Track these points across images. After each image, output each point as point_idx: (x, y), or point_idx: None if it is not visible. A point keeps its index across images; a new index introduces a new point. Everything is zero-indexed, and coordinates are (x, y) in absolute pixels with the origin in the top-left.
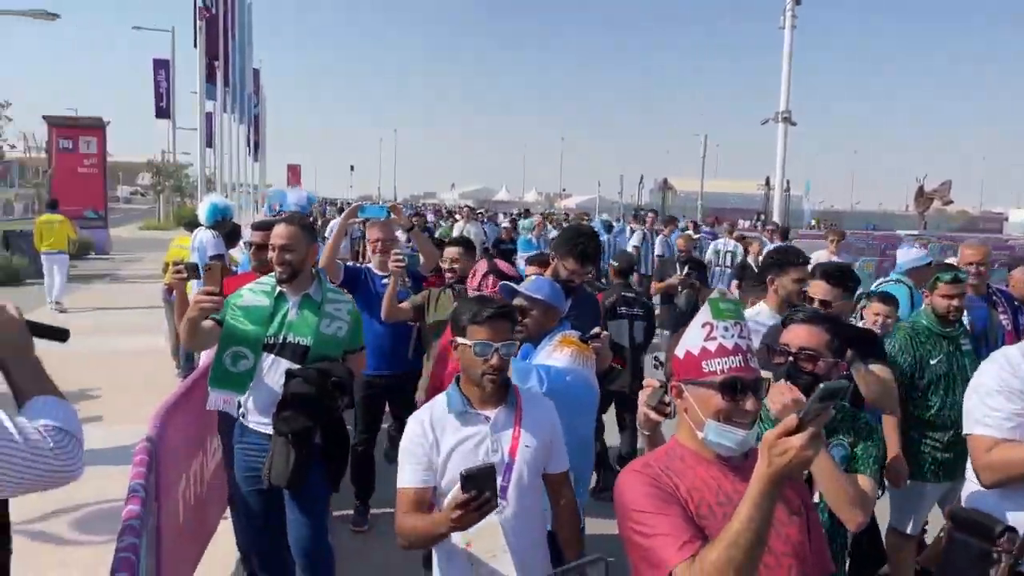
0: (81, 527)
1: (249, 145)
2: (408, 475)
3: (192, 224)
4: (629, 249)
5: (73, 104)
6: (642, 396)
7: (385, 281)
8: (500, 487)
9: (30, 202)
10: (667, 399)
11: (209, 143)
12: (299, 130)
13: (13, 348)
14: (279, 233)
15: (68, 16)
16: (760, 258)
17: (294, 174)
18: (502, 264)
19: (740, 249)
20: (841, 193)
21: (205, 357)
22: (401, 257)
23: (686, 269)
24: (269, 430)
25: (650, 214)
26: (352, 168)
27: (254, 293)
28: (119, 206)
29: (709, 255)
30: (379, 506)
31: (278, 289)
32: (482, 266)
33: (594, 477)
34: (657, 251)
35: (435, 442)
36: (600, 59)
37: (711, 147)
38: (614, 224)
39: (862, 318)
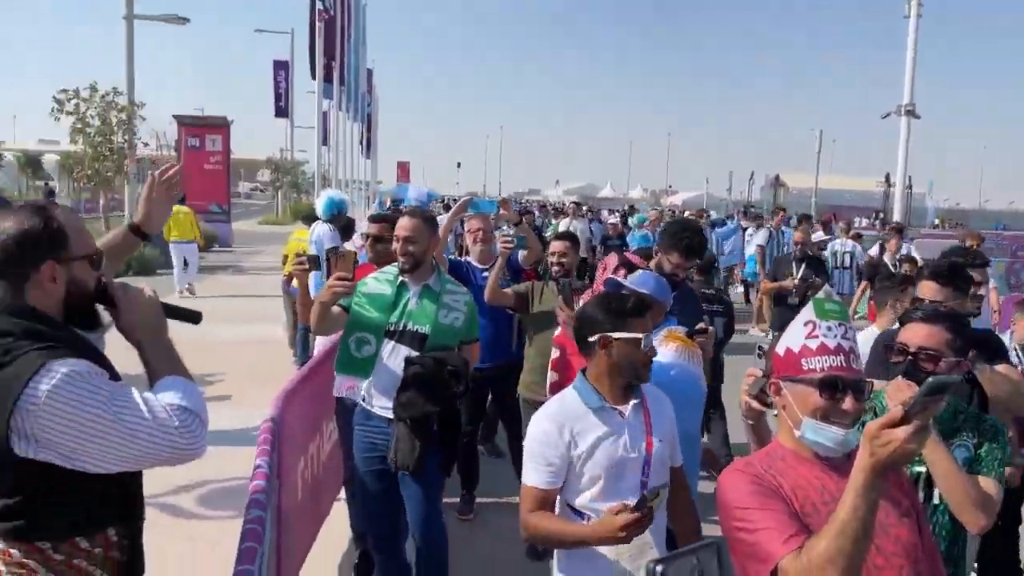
0: (205, 503)
1: (361, 143)
2: (538, 474)
3: (310, 218)
4: (753, 248)
5: (199, 104)
6: (744, 385)
7: (485, 274)
8: (640, 482)
9: None
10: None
11: (324, 141)
12: (407, 128)
13: (151, 330)
14: (403, 225)
15: (195, 19)
16: (897, 256)
17: (403, 171)
18: (633, 257)
19: (858, 249)
20: (968, 191)
21: (320, 346)
22: (510, 238)
23: (803, 268)
24: (390, 414)
25: (779, 212)
26: (459, 165)
27: (378, 282)
28: (240, 201)
29: (827, 255)
30: (482, 495)
31: (400, 279)
32: (612, 260)
33: None
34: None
35: (572, 441)
36: (708, 51)
37: (827, 142)
38: (727, 221)
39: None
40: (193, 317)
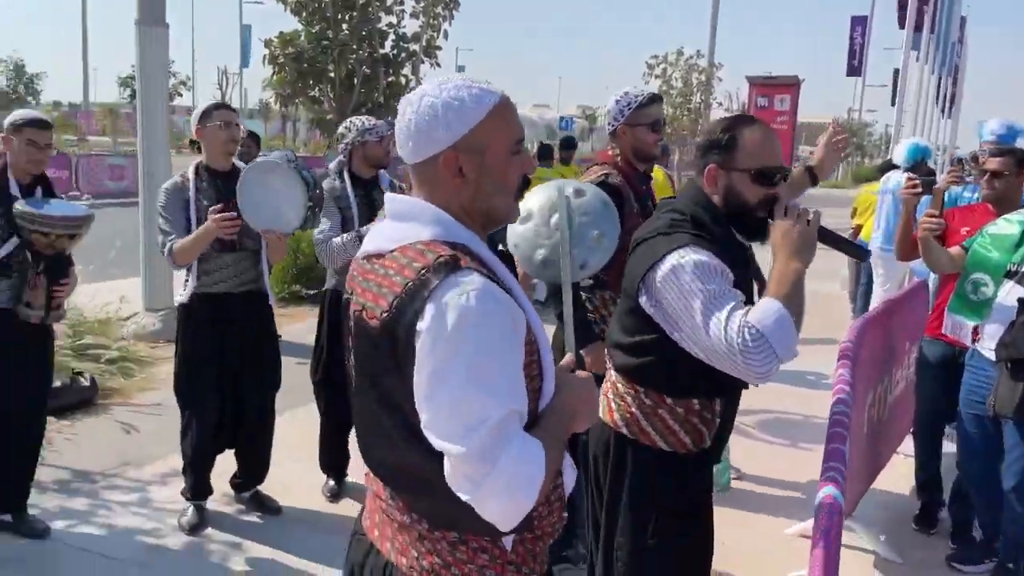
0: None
1: (940, 100)
2: None
3: (886, 168)
4: None
5: (768, 66)
6: None
7: None
8: None
9: None
10: None
11: (896, 99)
12: (1001, 84)
13: (791, 251)
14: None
15: None
16: None
17: None
18: None
19: None
20: None
21: (876, 300)
22: None
23: None
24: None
25: None
26: None
27: (1008, 222)
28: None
29: None
30: None
31: None
32: None
33: None
34: None
35: None
36: None
37: None
38: None
39: None
40: (859, 254)
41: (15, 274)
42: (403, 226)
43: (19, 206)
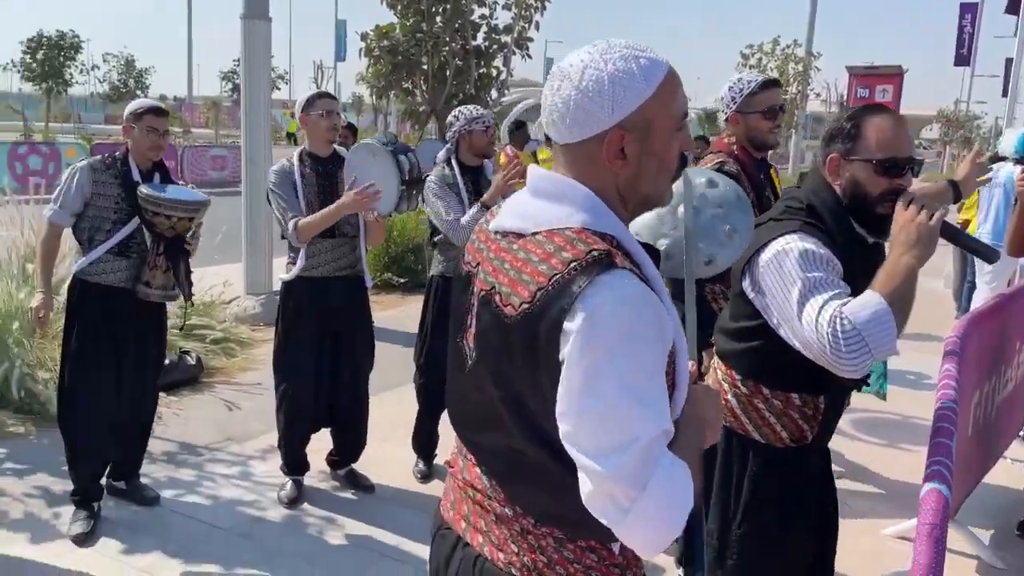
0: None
1: None
2: None
3: (992, 160)
4: None
5: (870, 56)
6: None
7: None
8: None
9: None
10: None
11: (1004, 91)
12: None
13: (904, 246)
14: None
15: None
16: None
17: None
18: None
19: None
20: None
21: (981, 298)
22: None
23: None
24: None
25: None
26: None
27: None
28: None
29: None
30: None
31: None
32: None
33: None
34: None
35: None
36: None
37: None
38: None
39: None
40: (988, 255)
41: (134, 255)
42: (550, 207)
43: (143, 190)
